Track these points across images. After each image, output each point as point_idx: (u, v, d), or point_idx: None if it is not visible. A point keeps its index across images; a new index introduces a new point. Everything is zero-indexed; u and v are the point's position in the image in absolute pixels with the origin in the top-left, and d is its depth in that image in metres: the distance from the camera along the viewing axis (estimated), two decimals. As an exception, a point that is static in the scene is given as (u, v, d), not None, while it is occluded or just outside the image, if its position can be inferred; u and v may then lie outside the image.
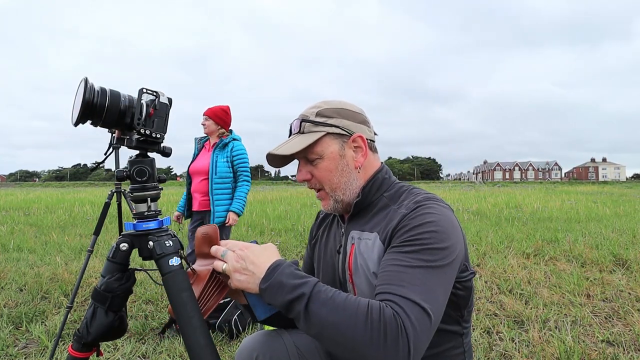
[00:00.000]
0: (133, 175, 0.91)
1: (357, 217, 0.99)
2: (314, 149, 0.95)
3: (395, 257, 0.81)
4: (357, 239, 0.95)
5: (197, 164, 3.09)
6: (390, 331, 0.68)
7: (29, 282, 3.58)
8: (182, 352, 2.28)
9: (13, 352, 2.28)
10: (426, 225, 0.82)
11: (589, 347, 2.29)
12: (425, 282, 0.76)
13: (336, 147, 0.96)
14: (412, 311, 0.71)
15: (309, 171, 0.98)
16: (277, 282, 0.77)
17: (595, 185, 51.74)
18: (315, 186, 0.99)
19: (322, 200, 1.00)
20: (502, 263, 4.26)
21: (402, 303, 0.72)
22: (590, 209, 10.37)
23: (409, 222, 0.84)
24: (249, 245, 0.87)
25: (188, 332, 0.83)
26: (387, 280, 0.78)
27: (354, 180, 0.97)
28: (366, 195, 0.97)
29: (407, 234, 0.83)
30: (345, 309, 0.71)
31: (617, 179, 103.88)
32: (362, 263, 0.91)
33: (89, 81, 0.85)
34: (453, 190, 26.04)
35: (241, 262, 0.83)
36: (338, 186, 0.96)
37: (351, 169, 0.97)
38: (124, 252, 0.91)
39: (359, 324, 0.69)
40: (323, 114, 0.96)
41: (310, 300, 0.73)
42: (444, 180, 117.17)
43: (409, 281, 0.75)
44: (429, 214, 0.85)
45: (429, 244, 0.80)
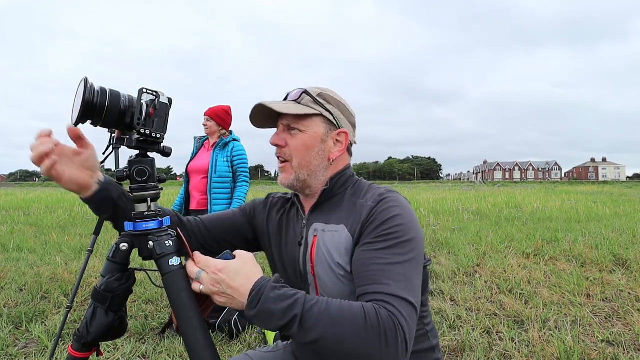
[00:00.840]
0: (133, 175, 0.91)
1: (320, 210, 0.99)
2: (302, 121, 0.96)
3: (373, 256, 0.83)
4: (320, 231, 0.95)
5: (197, 163, 3.08)
6: (390, 332, 0.71)
7: (29, 282, 3.58)
8: (182, 352, 2.28)
9: (13, 352, 2.28)
10: (394, 219, 0.86)
11: (589, 347, 2.29)
12: (406, 277, 0.80)
13: (321, 131, 0.97)
14: (403, 307, 0.75)
15: (286, 139, 0.98)
16: (265, 309, 0.74)
17: (595, 185, 51.74)
18: (284, 156, 0.98)
19: (283, 173, 0.99)
20: (502, 263, 4.26)
21: (393, 301, 0.75)
22: (590, 209, 10.37)
23: (378, 216, 0.88)
24: (222, 266, 0.79)
25: (188, 332, 0.83)
26: (373, 280, 0.80)
27: (322, 169, 0.98)
28: (333, 186, 0.99)
29: (379, 229, 0.86)
30: (343, 320, 0.71)
31: (617, 179, 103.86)
32: (326, 254, 0.92)
33: (89, 81, 0.85)
34: (453, 190, 26.04)
35: (218, 286, 0.78)
36: (306, 165, 0.97)
37: (325, 156, 0.98)
38: (124, 252, 0.91)
39: (360, 331, 0.70)
40: (324, 97, 0.98)
41: (304, 320, 0.72)
42: (444, 180, 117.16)
43: (393, 278, 0.79)
44: (395, 207, 0.89)
45: (399, 238, 0.84)
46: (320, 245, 0.93)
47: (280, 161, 1.00)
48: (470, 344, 2.37)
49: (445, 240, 5.68)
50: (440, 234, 6.32)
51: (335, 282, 0.90)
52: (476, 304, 3.06)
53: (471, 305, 3.03)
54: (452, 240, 5.62)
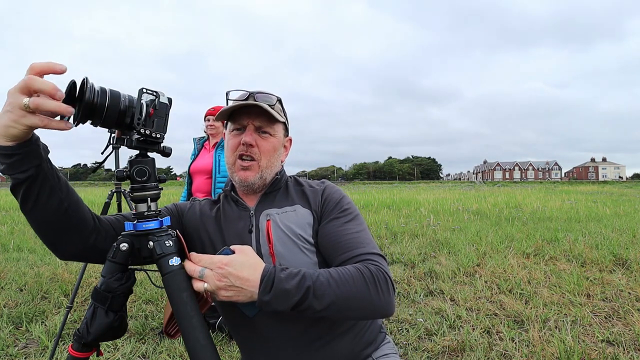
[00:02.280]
0: (133, 175, 0.91)
1: (267, 200, 1.09)
2: (274, 126, 1.07)
3: (343, 228, 1.00)
4: (274, 214, 1.04)
5: (199, 164, 3.09)
6: (382, 280, 0.88)
7: (29, 282, 3.58)
8: (182, 352, 2.28)
9: (13, 352, 2.28)
10: (344, 198, 1.08)
11: (589, 347, 2.29)
12: (370, 239, 1.00)
13: (282, 137, 1.11)
14: (381, 261, 0.93)
15: (256, 140, 1.04)
16: (281, 290, 0.81)
17: (595, 185, 51.76)
18: (253, 155, 1.04)
19: (248, 170, 1.04)
20: (502, 263, 4.26)
21: (374, 258, 0.93)
22: (590, 208, 10.37)
23: (331, 196, 1.07)
24: (227, 260, 0.82)
25: (188, 332, 0.83)
26: (352, 246, 0.96)
27: (277, 168, 1.11)
28: (279, 179, 1.11)
29: (338, 206, 1.05)
30: (346, 281, 0.85)
31: (617, 179, 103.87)
32: (286, 230, 1.01)
33: (89, 81, 0.85)
34: (453, 190, 26.05)
35: (225, 280, 0.80)
36: (270, 166, 1.07)
37: (279, 160, 1.11)
38: (124, 252, 0.91)
39: (362, 286, 0.85)
40: (282, 106, 1.12)
41: (316, 289, 0.82)
42: (444, 180, 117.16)
43: (365, 242, 0.97)
44: (338, 190, 1.10)
45: (354, 212, 1.05)
46: (278, 225, 1.02)
47: (246, 159, 1.05)
48: (470, 344, 2.38)
49: (445, 240, 5.68)
50: (440, 233, 6.32)
51: (299, 255, 0.99)
52: (476, 303, 3.06)
53: (471, 305, 3.03)
54: (452, 240, 5.62)
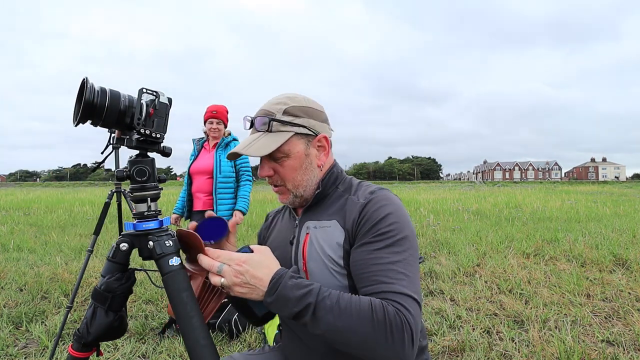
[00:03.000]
0: (133, 175, 0.91)
1: (312, 209, 1.01)
2: (281, 148, 0.95)
3: (373, 256, 0.85)
4: (312, 228, 0.97)
5: (200, 164, 3.09)
6: (396, 327, 0.75)
7: (29, 282, 3.58)
8: (182, 352, 2.28)
9: (13, 352, 2.28)
10: (387, 217, 0.88)
11: (589, 347, 2.29)
12: (407, 274, 0.83)
13: (302, 147, 0.97)
14: (409, 304, 0.79)
15: (273, 168, 0.98)
16: (282, 296, 0.79)
17: (595, 185, 51.74)
18: (277, 182, 0.99)
19: (280, 195, 1.01)
20: (502, 263, 4.26)
21: (399, 299, 0.79)
22: (590, 208, 10.37)
23: (371, 214, 0.89)
24: (245, 258, 0.83)
25: (188, 331, 0.83)
26: (376, 280, 0.83)
27: (315, 177, 1.00)
28: (324, 187, 1.00)
29: (374, 229, 0.88)
30: (352, 313, 0.76)
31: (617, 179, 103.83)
32: (318, 249, 0.94)
33: (89, 81, 0.85)
34: (453, 190, 26.04)
35: (241, 277, 0.82)
36: (300, 184, 0.98)
37: (314, 167, 0.99)
38: (124, 252, 0.91)
39: (367, 325, 0.75)
40: (290, 112, 0.95)
41: (317, 309, 0.77)
42: (444, 180, 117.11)
43: (395, 277, 0.82)
44: (386, 205, 0.90)
45: (395, 236, 0.86)
46: (313, 241, 0.95)
47: (274, 186, 1.01)
48: (470, 344, 2.37)
49: (445, 240, 5.68)
50: (440, 234, 6.32)
51: (328, 277, 0.92)
52: (476, 303, 3.06)
53: (471, 305, 3.03)
54: (452, 240, 5.62)
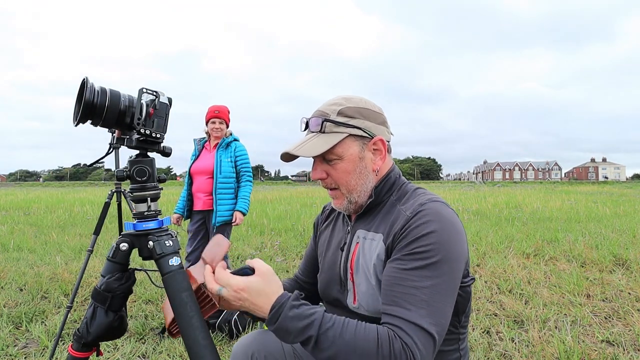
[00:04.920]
0: (133, 175, 0.91)
1: (365, 217, 0.98)
2: (334, 150, 0.91)
3: (401, 276, 0.80)
4: (362, 239, 0.95)
5: (200, 164, 3.10)
6: None
7: (29, 282, 3.58)
8: (182, 352, 2.28)
9: (13, 351, 2.28)
10: (428, 236, 0.81)
11: (589, 347, 2.29)
12: (430, 303, 0.77)
13: (356, 149, 0.93)
14: (419, 338, 0.74)
15: (325, 170, 0.95)
16: (283, 327, 0.77)
17: (595, 185, 51.73)
18: (331, 185, 0.96)
19: (335, 199, 0.98)
20: (502, 263, 4.26)
21: (410, 330, 0.74)
22: (590, 209, 10.36)
23: (412, 230, 0.83)
24: (244, 285, 0.80)
25: (188, 332, 0.83)
26: (395, 302, 0.79)
27: (369, 183, 0.95)
28: (378, 195, 0.96)
29: (410, 246, 0.82)
30: (356, 346, 0.73)
31: (617, 179, 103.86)
32: (362, 262, 0.92)
33: (89, 81, 0.85)
34: (453, 190, 26.03)
35: (240, 302, 0.81)
36: (354, 188, 0.94)
37: (369, 171, 0.94)
38: (124, 252, 0.91)
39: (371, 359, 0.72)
40: (345, 113, 0.92)
41: (318, 342, 0.75)
42: (444, 180, 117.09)
43: (416, 304, 0.77)
44: (431, 222, 0.83)
45: (430, 258, 0.80)
46: (361, 253, 0.93)
47: (329, 189, 0.98)
48: (470, 344, 2.37)
49: (445, 240, 5.67)
50: (440, 234, 6.31)
51: (372, 292, 0.89)
52: (476, 304, 3.06)
53: (471, 305, 3.02)
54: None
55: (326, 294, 1.05)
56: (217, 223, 2.96)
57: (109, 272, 0.91)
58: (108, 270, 0.91)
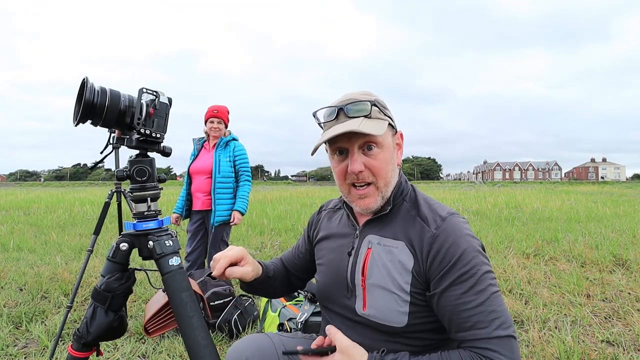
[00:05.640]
0: (133, 175, 0.91)
1: (376, 222, 0.94)
2: (379, 138, 0.86)
3: (461, 301, 0.81)
4: (375, 244, 0.91)
5: (199, 164, 3.10)
6: None
7: (29, 281, 3.58)
8: (182, 352, 2.28)
9: (13, 351, 2.28)
10: (465, 255, 0.83)
11: (589, 347, 2.29)
12: (497, 310, 0.80)
13: (391, 140, 0.91)
14: (505, 347, 0.77)
15: (365, 162, 0.88)
16: None
17: (595, 185, 51.74)
18: (366, 179, 0.88)
19: (367, 198, 0.90)
20: (502, 263, 4.26)
21: (495, 346, 0.77)
22: (590, 209, 10.36)
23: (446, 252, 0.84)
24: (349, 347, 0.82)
25: (188, 332, 0.83)
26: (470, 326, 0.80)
27: (395, 178, 0.92)
28: (393, 199, 0.93)
29: (454, 269, 0.83)
30: None
31: (617, 179, 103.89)
32: (381, 268, 0.89)
33: (89, 81, 0.85)
34: (453, 190, 26.03)
35: None
36: (390, 182, 0.90)
37: (396, 165, 0.92)
38: (124, 252, 0.91)
39: None
40: (381, 103, 0.90)
41: None
42: (444, 180, 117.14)
43: (488, 319, 0.79)
44: (460, 239, 0.85)
45: (476, 274, 0.82)
46: (376, 259, 0.90)
47: (360, 187, 0.90)
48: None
49: (445, 240, 5.68)
50: (440, 234, 6.31)
51: (388, 300, 0.88)
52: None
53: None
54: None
55: (327, 298, 1.03)
56: (215, 223, 2.96)
57: (109, 272, 0.91)
58: (108, 270, 0.91)
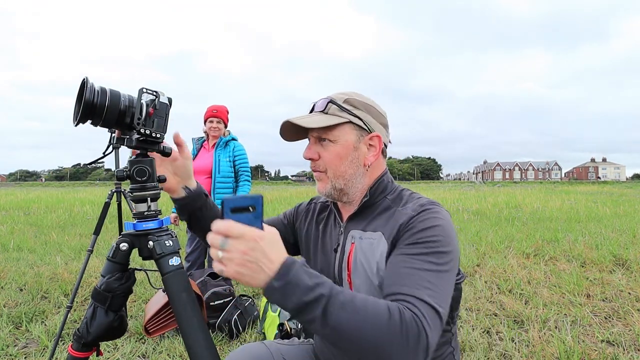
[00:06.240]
0: (133, 175, 0.91)
1: (358, 218, 0.98)
2: (331, 131, 0.94)
3: (405, 259, 0.81)
4: (357, 239, 0.94)
5: (199, 164, 3.10)
6: (412, 333, 0.69)
7: (29, 282, 3.58)
8: (182, 352, 2.28)
9: (13, 351, 2.28)
10: (434, 229, 0.84)
11: (589, 347, 2.29)
12: (435, 285, 0.78)
13: (353, 138, 0.95)
14: (427, 313, 0.73)
15: (318, 152, 0.97)
16: (294, 281, 0.69)
17: (595, 185, 51.74)
18: (319, 168, 0.97)
19: (319, 181, 0.99)
20: (502, 263, 4.26)
21: (418, 304, 0.74)
22: (590, 209, 10.37)
23: (418, 224, 0.86)
24: (262, 235, 0.70)
25: (188, 332, 0.83)
26: (399, 280, 0.79)
27: (358, 176, 0.97)
28: (372, 195, 0.97)
29: (416, 236, 0.84)
30: (367, 312, 0.70)
31: (617, 179, 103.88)
32: (363, 262, 0.91)
33: (89, 81, 0.85)
34: (453, 190, 26.04)
35: (251, 254, 0.68)
36: (342, 175, 0.96)
37: (360, 164, 0.96)
38: (124, 252, 0.91)
39: (382, 326, 0.69)
40: (351, 102, 0.96)
41: (329, 303, 0.69)
42: (444, 180, 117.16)
43: (421, 284, 0.77)
44: (436, 218, 0.86)
45: (436, 247, 0.82)
46: (358, 253, 0.92)
47: (316, 172, 0.99)
48: (470, 344, 2.37)
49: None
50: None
51: (373, 292, 0.88)
52: (476, 304, 3.06)
53: (471, 305, 3.02)
54: (452, 240, 5.61)
55: None
56: None
57: (109, 272, 0.91)
58: (108, 270, 0.91)
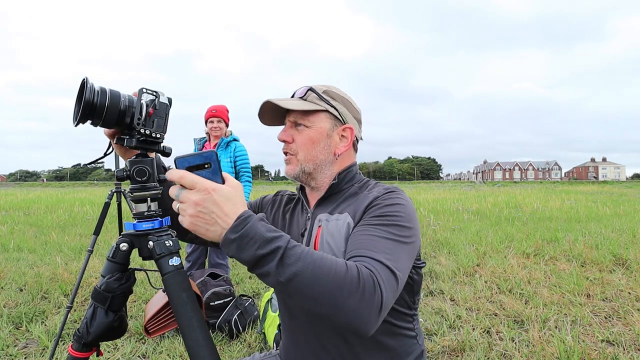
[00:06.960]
0: (133, 175, 0.91)
1: (326, 202, 1.02)
2: (308, 117, 0.99)
3: (366, 229, 0.85)
4: (324, 221, 0.97)
5: None
6: (368, 286, 0.70)
7: (29, 282, 3.58)
8: (182, 352, 2.28)
9: (13, 352, 2.28)
10: (397, 206, 0.89)
11: (589, 347, 2.29)
12: (393, 251, 0.80)
13: (327, 126, 1.00)
14: (384, 271, 0.74)
15: (292, 135, 1.01)
16: (249, 234, 0.68)
17: (595, 185, 51.74)
18: (291, 151, 1.01)
19: (289, 164, 1.02)
20: (502, 263, 4.26)
21: (374, 264, 0.75)
22: (590, 208, 10.37)
23: (382, 202, 0.91)
24: (216, 187, 0.70)
25: (188, 332, 0.83)
26: (358, 246, 0.81)
27: (328, 163, 1.02)
28: (341, 180, 1.02)
29: (380, 210, 0.88)
30: (323, 264, 0.69)
31: (617, 179, 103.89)
32: (330, 242, 0.93)
33: (89, 81, 0.85)
34: (453, 190, 26.04)
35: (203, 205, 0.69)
36: (312, 159, 1.00)
37: (330, 151, 1.01)
38: (124, 252, 0.91)
39: (338, 277, 0.68)
40: (330, 94, 1.02)
41: (285, 255, 0.68)
42: (444, 180, 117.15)
43: (379, 248, 0.79)
44: (400, 199, 0.92)
45: (397, 221, 0.86)
46: (325, 235, 0.95)
47: (286, 155, 1.03)
48: (470, 344, 2.37)
49: (445, 240, 5.68)
50: (440, 233, 6.32)
51: None
52: (476, 303, 3.06)
53: (471, 305, 3.03)
54: (452, 240, 5.62)
55: None
56: None
57: (109, 272, 0.91)
58: (108, 271, 0.91)
